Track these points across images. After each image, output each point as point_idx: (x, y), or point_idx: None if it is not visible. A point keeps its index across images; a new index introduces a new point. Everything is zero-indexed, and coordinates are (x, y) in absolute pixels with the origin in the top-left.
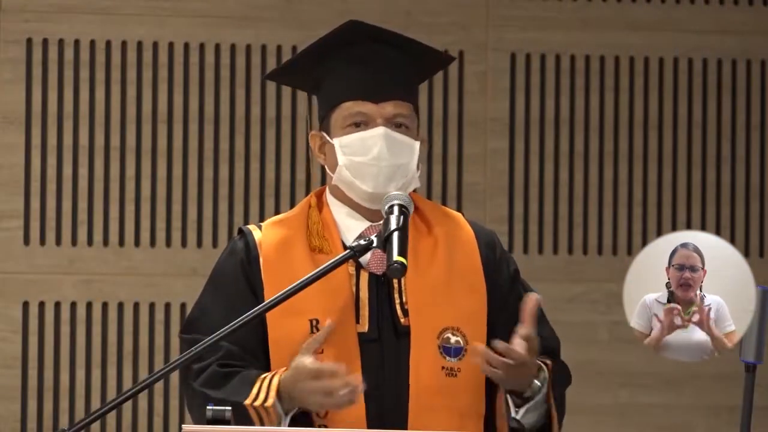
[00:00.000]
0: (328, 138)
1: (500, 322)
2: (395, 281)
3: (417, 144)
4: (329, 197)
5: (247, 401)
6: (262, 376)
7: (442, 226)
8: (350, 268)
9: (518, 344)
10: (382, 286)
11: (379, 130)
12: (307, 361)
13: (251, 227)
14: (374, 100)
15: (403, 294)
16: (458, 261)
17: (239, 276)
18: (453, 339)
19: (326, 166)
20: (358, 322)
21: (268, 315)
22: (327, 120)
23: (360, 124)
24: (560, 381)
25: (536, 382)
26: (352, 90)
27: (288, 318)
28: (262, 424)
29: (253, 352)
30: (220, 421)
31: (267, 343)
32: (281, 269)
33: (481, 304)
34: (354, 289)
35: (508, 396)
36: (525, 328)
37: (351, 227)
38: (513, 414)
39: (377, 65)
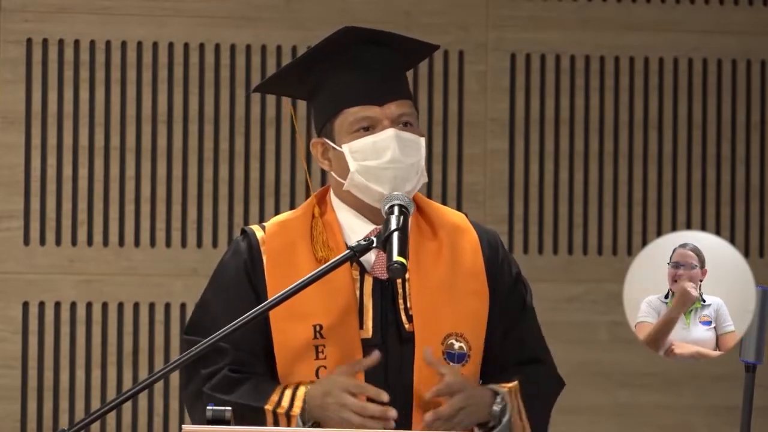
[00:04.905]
0: (332, 145)
1: (499, 325)
2: (399, 286)
3: (423, 140)
4: (335, 200)
5: (268, 406)
6: (282, 385)
7: (446, 229)
8: (354, 272)
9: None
10: (387, 292)
11: (390, 132)
12: (349, 377)
13: (254, 228)
14: (378, 102)
15: (407, 299)
16: (462, 265)
17: (242, 278)
18: (457, 345)
19: (332, 173)
20: (361, 327)
21: (273, 320)
22: (329, 127)
23: (368, 128)
24: (538, 393)
25: (494, 408)
26: (355, 95)
27: (292, 323)
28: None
29: (260, 356)
30: (220, 421)
31: (272, 348)
32: (285, 274)
33: (483, 308)
34: (358, 294)
35: (476, 428)
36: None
37: (356, 230)
38: None
39: (375, 67)
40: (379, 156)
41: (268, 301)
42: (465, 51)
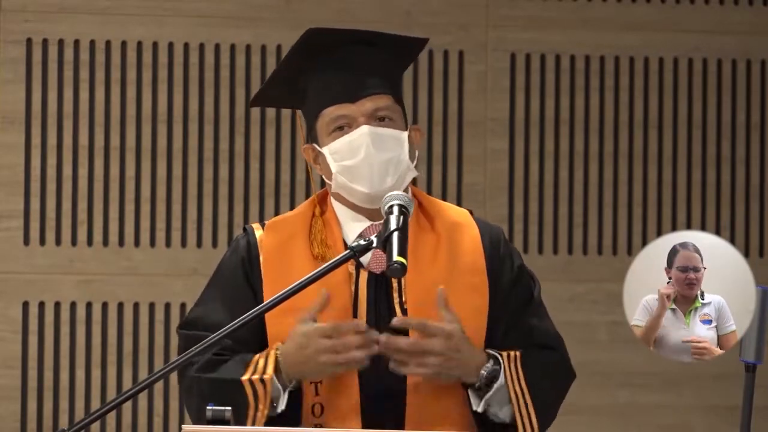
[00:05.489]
0: (318, 148)
1: (503, 318)
2: (395, 280)
3: (404, 134)
4: (333, 201)
5: (245, 377)
6: (258, 354)
7: (445, 224)
8: (350, 267)
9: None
10: (381, 286)
11: (363, 129)
12: (319, 324)
13: (254, 225)
14: (351, 99)
15: (403, 293)
16: (460, 259)
17: (239, 274)
18: None
19: (323, 176)
20: None
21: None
22: (313, 130)
23: (343, 126)
24: (539, 372)
25: (482, 372)
26: (328, 95)
27: (286, 316)
28: (256, 400)
29: (247, 344)
30: (220, 421)
31: (265, 339)
32: (281, 272)
33: (482, 303)
34: (353, 288)
35: (470, 390)
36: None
37: (354, 228)
38: (474, 407)
39: (347, 66)
40: (354, 154)
41: (268, 301)
42: (465, 51)
